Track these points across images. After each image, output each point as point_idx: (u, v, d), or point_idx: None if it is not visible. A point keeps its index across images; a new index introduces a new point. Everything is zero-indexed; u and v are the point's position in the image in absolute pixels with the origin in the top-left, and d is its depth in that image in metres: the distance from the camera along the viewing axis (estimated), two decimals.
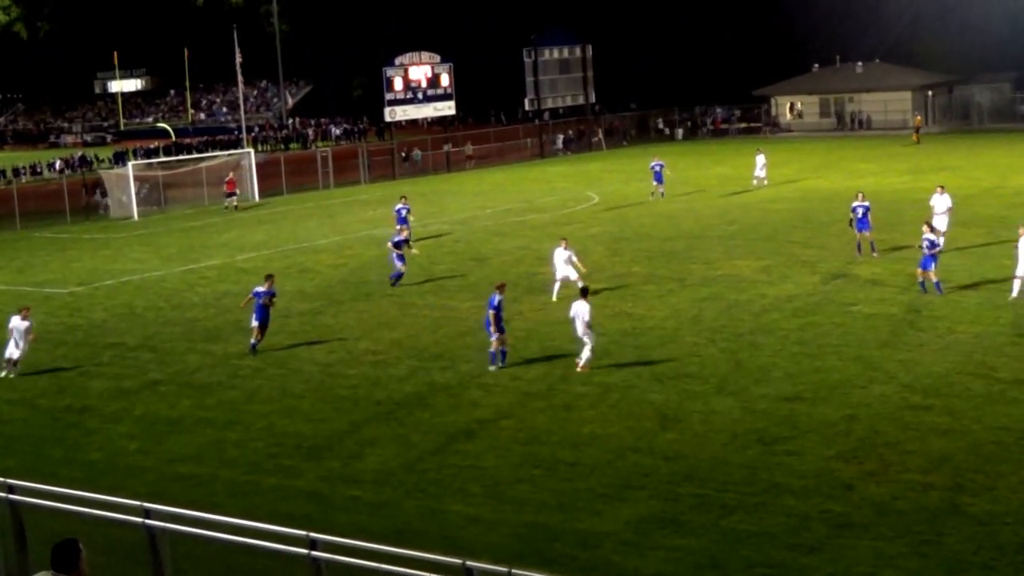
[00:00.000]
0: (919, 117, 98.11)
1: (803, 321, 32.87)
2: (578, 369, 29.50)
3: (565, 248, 38.48)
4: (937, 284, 35.81)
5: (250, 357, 32.77)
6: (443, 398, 28.06)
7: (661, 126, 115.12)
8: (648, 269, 42.60)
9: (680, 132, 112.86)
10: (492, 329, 30.39)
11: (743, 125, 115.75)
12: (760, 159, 66.39)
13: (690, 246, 46.44)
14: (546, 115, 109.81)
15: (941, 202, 41.76)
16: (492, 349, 30.55)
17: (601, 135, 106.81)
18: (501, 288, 31.28)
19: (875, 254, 42.24)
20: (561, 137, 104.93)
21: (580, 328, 29.60)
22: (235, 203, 71.26)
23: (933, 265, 35.87)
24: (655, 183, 63.64)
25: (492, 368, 30.17)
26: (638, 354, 30.89)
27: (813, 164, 78.66)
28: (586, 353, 29.56)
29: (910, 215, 52.19)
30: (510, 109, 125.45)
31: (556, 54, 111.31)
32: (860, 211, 42.55)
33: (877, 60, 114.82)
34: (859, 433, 23.70)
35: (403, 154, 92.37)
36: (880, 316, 33.51)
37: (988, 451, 22.31)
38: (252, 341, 33.32)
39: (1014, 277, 34.78)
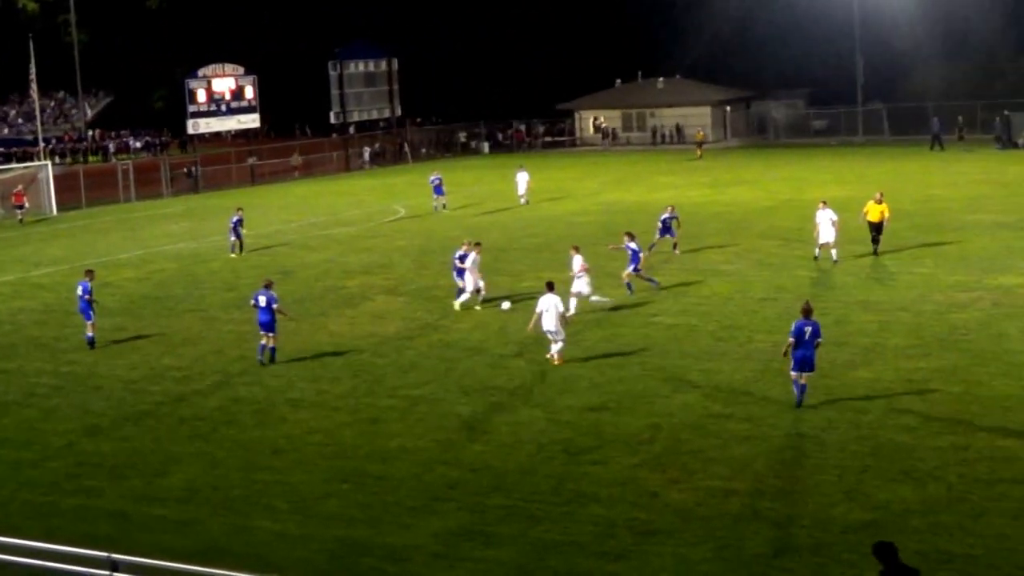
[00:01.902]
0: (702, 132, 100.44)
1: (607, 332, 33.32)
2: (555, 362, 30.10)
3: (478, 254, 38.17)
4: (628, 285, 38.43)
5: (48, 375, 31.94)
6: (249, 414, 27.70)
7: (467, 140, 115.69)
8: (454, 282, 42.65)
9: (486, 146, 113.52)
10: (264, 328, 31.80)
11: (548, 139, 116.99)
12: (522, 176, 66.33)
13: (496, 259, 46.70)
14: (352, 128, 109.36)
15: (824, 216, 42.55)
16: (263, 342, 31.86)
17: (408, 148, 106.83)
18: (269, 286, 32.38)
19: (676, 252, 45.05)
20: (367, 150, 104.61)
21: (552, 321, 30.03)
22: (20, 217, 69.49)
23: (632, 267, 38.27)
24: (435, 196, 64.69)
25: (260, 359, 31.71)
26: (445, 366, 30.95)
27: (616, 177, 79.88)
28: (559, 345, 30.20)
29: (711, 227, 53.42)
30: (316, 122, 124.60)
31: (362, 67, 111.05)
32: (669, 222, 45.39)
33: (678, 76, 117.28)
34: (663, 441, 24.12)
35: (185, 170, 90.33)
36: (682, 326, 34.17)
37: (786, 456, 22.93)
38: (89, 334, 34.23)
39: (818, 245, 40.52)
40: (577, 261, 36.50)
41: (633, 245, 38.59)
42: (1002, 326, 32.47)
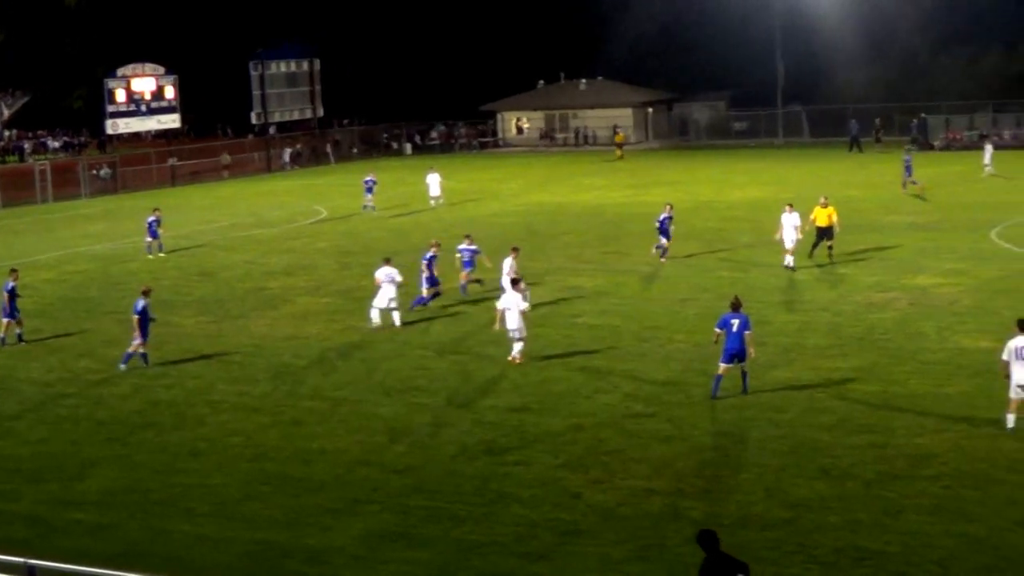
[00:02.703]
0: (622, 134, 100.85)
1: (529, 333, 33.33)
2: (517, 361, 30.13)
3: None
4: (463, 286, 39.17)
5: None
6: (168, 416, 27.44)
7: (389, 140, 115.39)
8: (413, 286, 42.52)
9: (409, 147, 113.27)
10: (137, 333, 31.37)
11: (471, 140, 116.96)
12: (434, 178, 65.91)
13: (419, 260, 46.53)
14: (273, 129, 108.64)
15: (789, 220, 42.05)
16: (130, 350, 31.51)
17: (330, 149, 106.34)
18: (146, 293, 32.39)
19: (654, 252, 43.99)
20: (289, 151, 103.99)
21: (515, 319, 30.09)
22: None
23: (468, 269, 39.12)
24: (366, 195, 64.67)
25: (122, 367, 31.35)
26: (367, 368, 30.86)
27: (538, 178, 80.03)
28: (519, 344, 30.24)
29: (633, 228, 53.65)
30: (237, 123, 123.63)
31: (283, 68, 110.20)
32: (666, 223, 44.02)
33: (600, 78, 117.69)
34: (585, 442, 24.19)
35: (94, 171, 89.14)
36: (604, 327, 34.30)
37: (707, 456, 23.08)
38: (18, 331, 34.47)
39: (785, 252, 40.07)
40: (507, 263, 36.65)
41: (467, 247, 39.63)
42: (918, 326, 32.90)
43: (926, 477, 21.38)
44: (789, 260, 41.68)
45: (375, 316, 35.21)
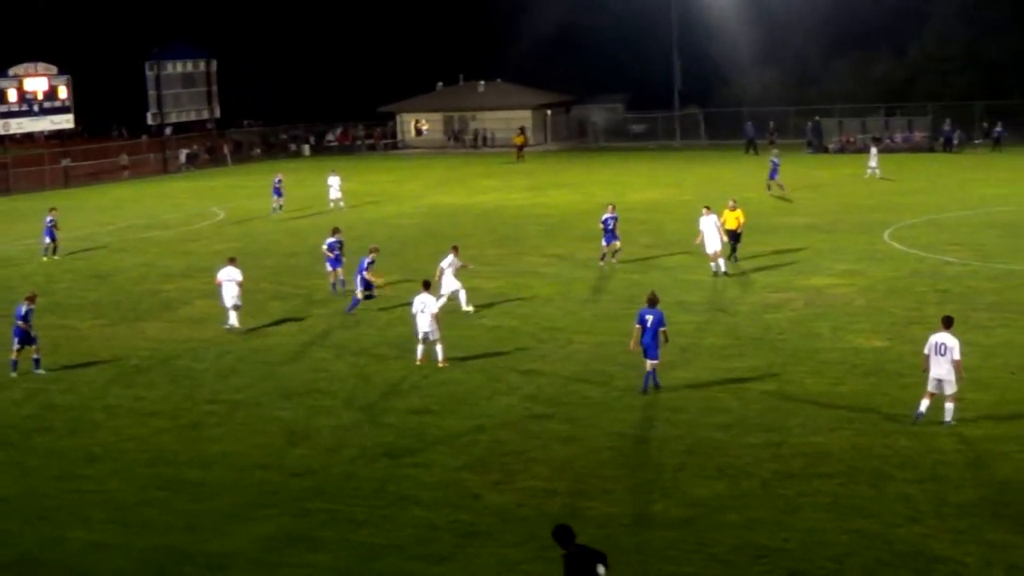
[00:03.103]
0: (521, 136, 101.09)
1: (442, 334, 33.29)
2: (440, 364, 29.98)
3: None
4: (334, 285, 40.03)
5: None
6: (63, 421, 27.04)
7: (288, 142, 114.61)
8: (275, 285, 42.33)
9: (307, 148, 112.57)
10: (16, 340, 31.00)
11: (369, 141, 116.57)
12: (335, 180, 65.34)
13: (316, 261, 46.33)
14: (169, 130, 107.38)
15: (708, 222, 41.48)
16: (13, 357, 30.99)
17: (227, 150, 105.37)
18: (31, 299, 31.80)
19: (614, 260, 43.27)
20: (185, 152, 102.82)
21: (427, 322, 30.01)
22: None
23: (337, 267, 39.97)
24: (275, 197, 64.07)
25: (13, 375, 30.72)
26: (265, 370, 30.65)
27: (437, 180, 79.95)
28: (439, 347, 30.23)
29: (532, 229, 53.83)
30: (132, 123, 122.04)
31: (179, 68, 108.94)
32: (611, 223, 43.29)
33: (499, 80, 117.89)
34: (485, 443, 24.23)
35: None
36: (503, 328, 34.39)
37: (606, 456, 23.22)
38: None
39: (709, 256, 39.52)
40: (448, 260, 36.88)
41: (333, 240, 40.32)
42: (813, 326, 33.36)
43: (822, 475, 21.69)
44: (720, 264, 40.78)
45: (232, 318, 35.45)
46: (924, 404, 24.29)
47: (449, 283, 36.43)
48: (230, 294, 35.33)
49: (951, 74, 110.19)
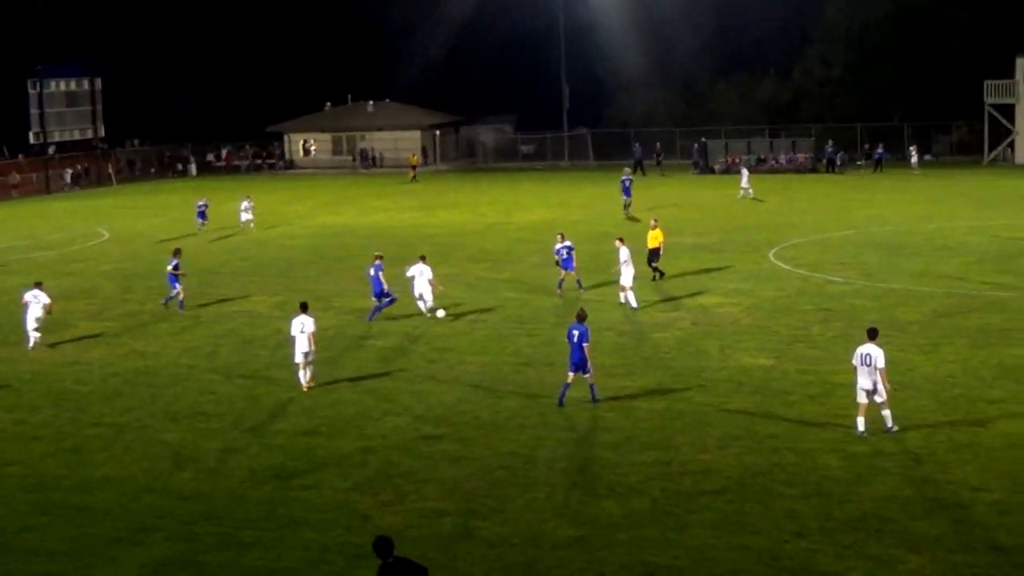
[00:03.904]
0: (415, 156, 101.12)
1: (319, 356, 33.05)
2: (306, 388, 29.82)
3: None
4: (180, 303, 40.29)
5: None
6: None
7: (174, 161, 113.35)
8: (160, 306, 41.76)
9: (194, 168, 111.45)
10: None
11: (257, 161, 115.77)
12: (247, 204, 64.47)
13: (204, 282, 45.92)
14: (52, 149, 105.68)
15: (623, 253, 40.60)
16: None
17: (112, 170, 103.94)
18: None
19: (582, 291, 41.70)
20: (69, 172, 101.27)
21: (305, 343, 29.86)
22: None
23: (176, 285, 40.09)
24: (199, 220, 63.15)
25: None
26: (152, 393, 30.23)
27: (326, 200, 79.60)
28: (310, 370, 30.12)
29: (422, 250, 53.72)
30: (14, 142, 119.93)
31: (63, 86, 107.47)
32: (564, 252, 41.84)
33: (388, 100, 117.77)
34: (375, 464, 24.12)
35: None
36: (393, 349, 34.30)
37: (497, 476, 23.22)
38: None
39: (622, 288, 38.76)
40: (416, 269, 38.15)
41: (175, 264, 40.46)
42: (701, 344, 33.70)
43: (710, 492, 21.89)
44: (630, 299, 39.16)
45: (32, 337, 35.96)
46: (861, 421, 24.87)
47: (420, 287, 38.06)
48: (33, 315, 35.87)
49: (834, 96, 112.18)
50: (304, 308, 30.74)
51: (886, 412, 24.94)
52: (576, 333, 27.72)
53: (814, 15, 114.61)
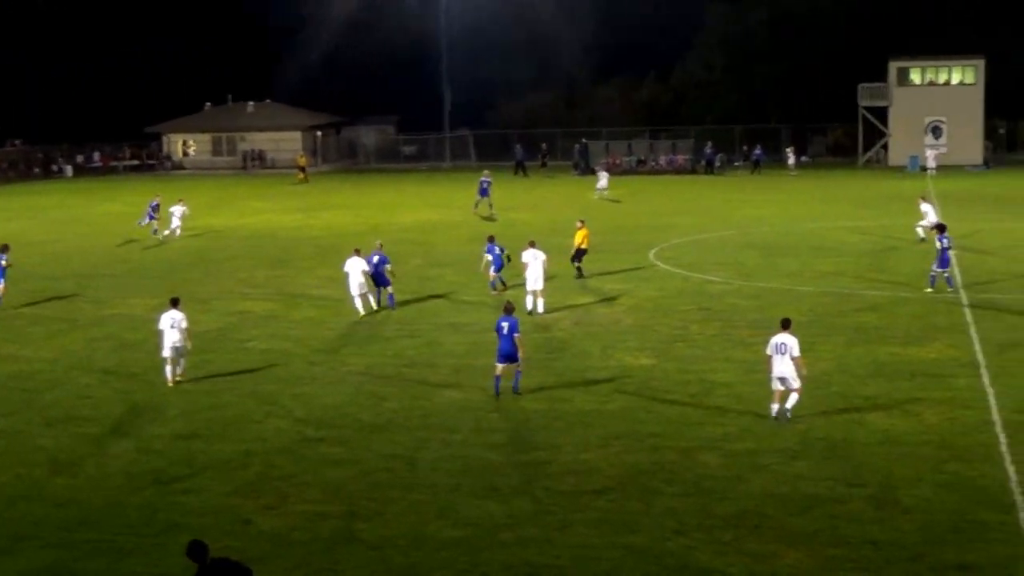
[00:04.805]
0: (304, 157, 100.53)
1: (197, 358, 32.66)
2: (172, 383, 29.98)
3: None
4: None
5: None
6: None
7: (49, 162, 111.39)
8: (36, 310, 41.06)
9: (70, 169, 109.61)
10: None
11: (135, 162, 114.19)
12: (177, 209, 62.38)
13: (80, 285, 45.22)
14: None
15: (531, 255, 40.11)
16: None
17: None
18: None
19: (494, 292, 41.60)
20: None
21: (177, 338, 29.79)
22: None
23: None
24: (150, 220, 61.13)
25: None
26: (26, 398, 29.65)
27: (206, 202, 78.74)
28: (183, 364, 30.28)
29: (303, 251, 53.48)
30: None
31: None
32: (497, 250, 41.72)
33: (268, 100, 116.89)
34: (256, 468, 23.91)
35: None
36: (275, 351, 34.02)
37: (379, 478, 23.14)
38: None
39: (528, 292, 38.19)
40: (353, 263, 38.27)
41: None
42: (583, 345, 33.90)
43: (591, 492, 22.02)
44: (539, 305, 38.38)
45: None
46: (776, 406, 25.82)
47: (355, 284, 38.13)
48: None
49: (713, 99, 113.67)
50: (175, 303, 30.50)
51: (794, 395, 25.80)
52: (505, 325, 28.28)
53: (694, 19, 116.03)
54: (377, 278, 39.25)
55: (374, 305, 39.10)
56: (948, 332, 34.58)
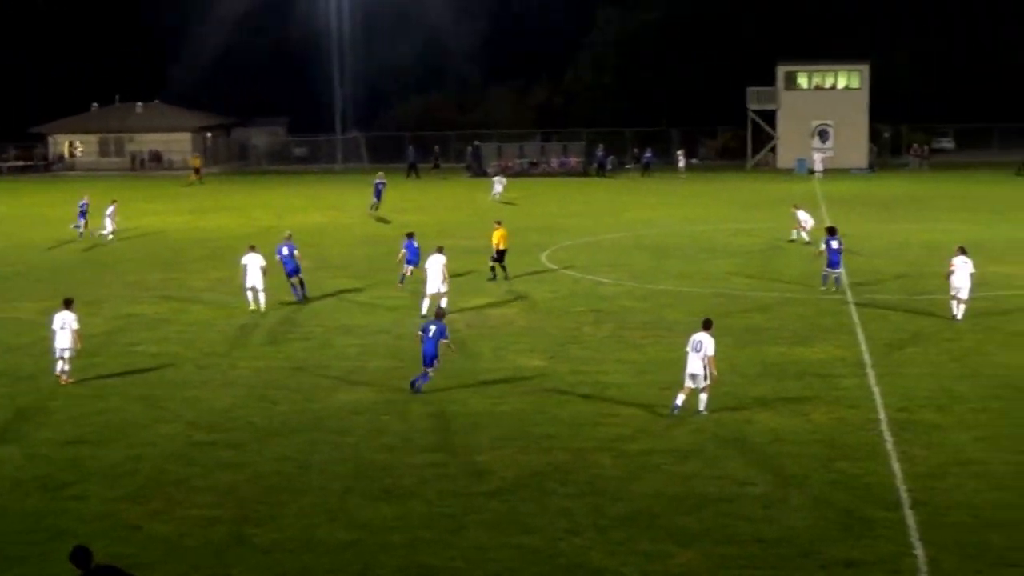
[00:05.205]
0: (198, 158, 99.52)
1: (83, 362, 32.13)
2: (64, 382, 29.81)
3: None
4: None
5: None
6: None
7: None
8: None
9: None
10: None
11: (20, 163, 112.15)
12: (111, 210, 61.90)
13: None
14: None
15: (434, 261, 39.67)
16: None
17: None
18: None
19: (401, 285, 42.59)
20: None
21: (67, 339, 29.68)
22: None
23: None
24: (80, 220, 59.80)
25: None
26: None
27: (95, 204, 77.46)
28: (66, 366, 29.97)
29: (193, 253, 52.91)
30: None
31: None
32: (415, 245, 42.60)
33: (157, 101, 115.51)
34: (146, 472, 23.60)
35: None
36: (164, 355, 33.60)
37: (271, 482, 22.96)
38: None
39: (428, 296, 37.87)
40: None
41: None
42: (475, 346, 33.94)
43: (485, 493, 22.05)
44: (431, 306, 37.69)
45: None
46: (680, 398, 26.40)
47: (254, 278, 39.03)
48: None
49: (604, 102, 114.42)
50: (68, 304, 30.20)
51: (704, 396, 26.39)
52: (433, 328, 28.66)
53: (585, 22, 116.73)
54: (287, 266, 40.42)
55: (262, 307, 39.03)
56: (835, 332, 35.14)
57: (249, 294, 39.26)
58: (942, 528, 20.04)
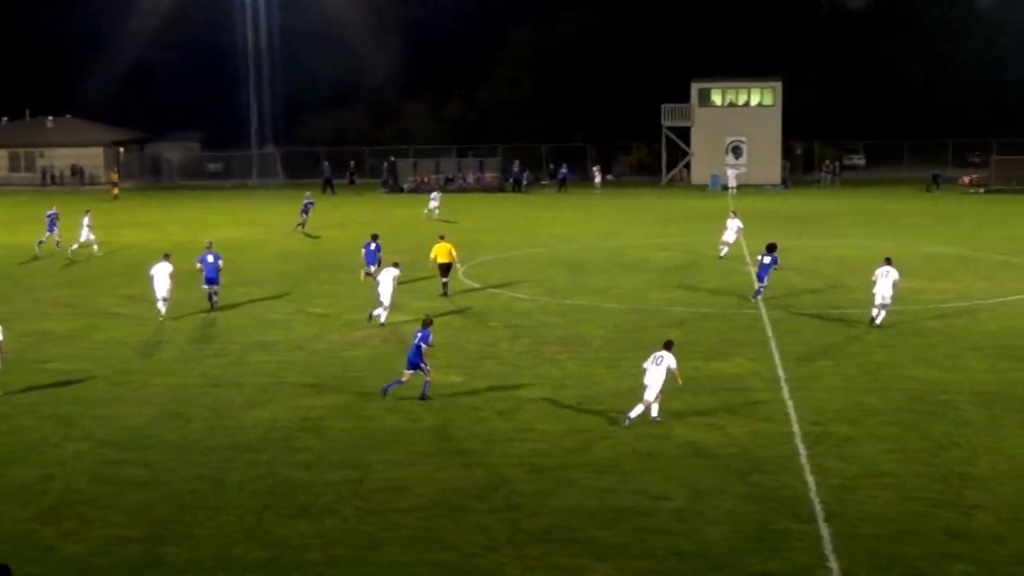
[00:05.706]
0: (115, 173, 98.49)
1: None
2: None
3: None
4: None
5: None
6: None
7: None
8: None
9: None
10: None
11: None
12: (86, 219, 60.88)
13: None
14: None
15: (386, 274, 39.31)
16: None
17: None
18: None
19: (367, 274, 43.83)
20: None
21: None
22: None
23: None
24: (49, 231, 59.27)
25: None
26: None
27: (2, 220, 76.51)
28: None
29: (106, 269, 52.29)
30: None
31: None
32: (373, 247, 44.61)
33: (68, 116, 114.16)
34: (56, 492, 23.26)
35: None
36: (76, 372, 33.12)
37: (185, 500, 22.72)
38: None
39: (382, 307, 38.58)
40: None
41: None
42: (391, 362, 33.71)
43: (401, 510, 21.97)
44: (382, 316, 38.98)
45: None
46: (637, 410, 26.94)
47: (161, 288, 39.76)
48: None
49: (521, 117, 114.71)
50: None
51: (655, 406, 27.08)
52: (419, 334, 29.43)
53: (501, 37, 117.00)
54: (207, 272, 41.71)
55: (163, 314, 39.88)
56: (749, 347, 35.43)
57: (160, 304, 39.92)
58: (855, 540, 20.27)
